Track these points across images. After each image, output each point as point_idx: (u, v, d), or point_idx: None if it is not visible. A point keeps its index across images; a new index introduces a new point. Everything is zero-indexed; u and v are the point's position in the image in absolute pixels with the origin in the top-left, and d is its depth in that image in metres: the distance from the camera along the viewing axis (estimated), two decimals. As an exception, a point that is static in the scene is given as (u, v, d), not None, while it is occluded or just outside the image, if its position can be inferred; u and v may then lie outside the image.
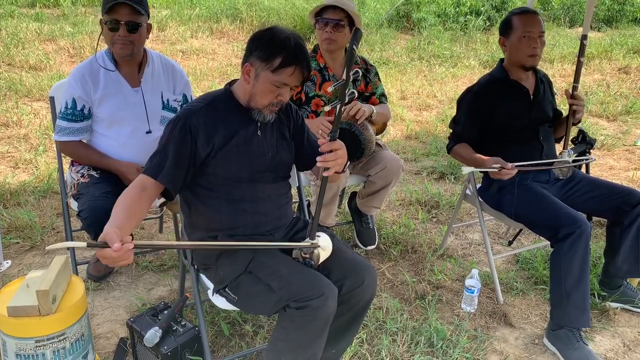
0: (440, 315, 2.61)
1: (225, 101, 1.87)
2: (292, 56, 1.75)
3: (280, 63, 1.74)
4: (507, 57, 2.64)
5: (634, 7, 12.28)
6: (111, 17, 2.28)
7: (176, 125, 1.78)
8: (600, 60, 8.57)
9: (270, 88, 1.78)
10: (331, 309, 1.67)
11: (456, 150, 2.68)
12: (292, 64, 1.75)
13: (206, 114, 1.81)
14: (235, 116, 1.86)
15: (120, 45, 2.33)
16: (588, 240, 2.31)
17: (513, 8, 10.31)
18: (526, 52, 2.54)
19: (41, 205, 3.47)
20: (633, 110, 6.27)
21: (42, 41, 7.28)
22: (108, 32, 2.32)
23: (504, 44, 2.61)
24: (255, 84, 1.79)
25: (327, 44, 2.76)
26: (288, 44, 1.75)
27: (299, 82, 1.81)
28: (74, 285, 2.04)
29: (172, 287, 2.72)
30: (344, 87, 1.70)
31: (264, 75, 1.77)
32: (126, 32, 2.31)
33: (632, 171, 4.56)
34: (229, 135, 1.83)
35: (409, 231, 3.38)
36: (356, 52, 1.70)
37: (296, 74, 1.77)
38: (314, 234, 1.75)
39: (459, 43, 9.28)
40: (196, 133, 1.78)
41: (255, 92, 1.80)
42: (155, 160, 1.78)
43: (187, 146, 1.77)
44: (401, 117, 5.75)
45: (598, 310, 2.66)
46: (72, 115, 2.39)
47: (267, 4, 9.35)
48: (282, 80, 1.76)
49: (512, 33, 2.55)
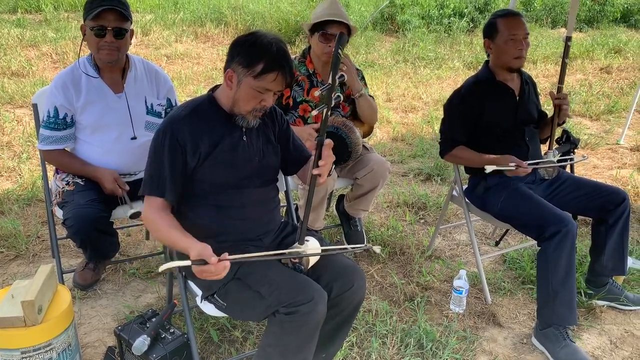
0: (430, 316, 2.62)
1: (209, 108, 1.86)
2: (274, 62, 1.74)
3: (262, 69, 1.73)
4: (493, 59, 2.66)
5: (614, 7, 12.46)
6: (97, 23, 2.26)
7: (164, 139, 1.77)
8: (582, 61, 8.67)
9: (253, 94, 1.77)
10: (321, 314, 1.67)
11: (456, 154, 2.67)
12: (275, 69, 1.74)
13: (190, 123, 1.80)
14: (220, 123, 1.85)
15: (107, 52, 2.31)
16: (574, 239, 2.33)
17: (496, 9, 10.33)
18: (512, 54, 2.56)
19: (25, 214, 3.43)
20: (615, 109, 6.35)
21: (24, 47, 7.21)
22: (94, 38, 2.30)
23: (489, 47, 2.63)
24: (237, 90, 1.78)
25: (328, 57, 2.75)
26: (270, 49, 1.74)
27: (282, 88, 1.80)
28: (60, 295, 2.02)
29: (160, 294, 2.70)
30: (330, 92, 1.70)
31: (246, 81, 1.76)
32: (113, 38, 2.29)
33: (615, 170, 4.61)
34: (215, 143, 1.82)
35: (397, 233, 3.39)
36: (341, 56, 1.70)
37: (279, 80, 1.76)
38: (303, 238, 1.75)
39: (443, 45, 9.34)
40: (184, 143, 1.78)
41: (238, 98, 1.80)
42: (154, 178, 1.78)
43: (180, 158, 1.78)
44: (387, 119, 5.77)
45: (585, 308, 2.69)
46: (54, 124, 2.36)
47: (252, 8, 9.34)
48: (264, 86, 1.76)
49: (498, 36, 2.57)
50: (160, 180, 1.77)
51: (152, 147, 1.81)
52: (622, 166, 4.74)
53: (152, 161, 1.80)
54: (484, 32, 2.65)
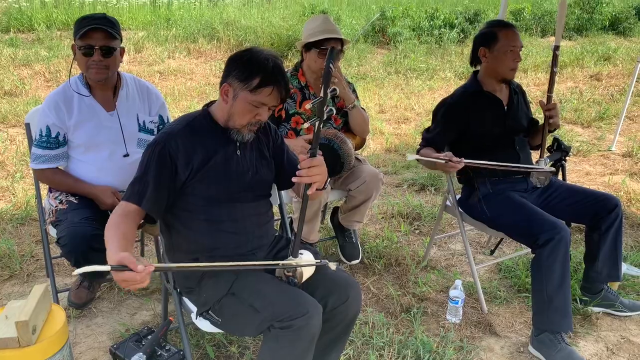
0: (426, 327, 2.61)
1: (203, 122, 1.88)
2: (271, 76, 1.76)
3: (259, 83, 1.75)
4: (486, 68, 2.67)
5: (602, 15, 12.62)
6: (85, 42, 2.28)
7: (155, 150, 1.78)
8: (573, 68, 8.76)
9: (249, 108, 1.79)
10: (316, 327, 1.67)
11: (421, 152, 2.68)
12: (270, 84, 1.76)
13: (184, 136, 1.81)
14: (214, 137, 1.86)
15: (95, 70, 2.32)
16: (568, 246, 2.34)
17: (486, 19, 10.32)
18: (509, 65, 2.60)
19: (19, 233, 3.42)
20: (606, 116, 6.41)
21: (17, 66, 7.22)
22: (82, 57, 2.31)
23: (484, 55, 2.64)
24: (233, 103, 1.80)
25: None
26: (266, 64, 1.76)
27: (277, 102, 1.82)
28: (54, 314, 2.01)
29: (155, 311, 2.69)
30: (322, 105, 1.72)
31: (243, 95, 1.78)
32: (101, 57, 2.30)
33: (607, 176, 4.64)
34: (208, 156, 1.83)
35: (392, 244, 3.39)
36: (333, 70, 1.72)
37: (274, 94, 1.78)
38: (297, 251, 1.75)
39: (435, 56, 9.42)
40: (175, 156, 1.78)
41: (234, 112, 1.81)
42: (136, 187, 1.77)
43: (168, 170, 1.78)
44: (380, 130, 5.80)
45: (580, 315, 2.69)
46: (47, 143, 2.37)
47: (244, 23, 9.40)
48: (260, 100, 1.78)
49: (496, 45, 2.58)
50: (143, 190, 1.75)
51: (143, 157, 1.81)
52: (614, 172, 4.78)
53: (139, 171, 1.80)
54: (480, 41, 2.65)
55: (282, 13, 10.21)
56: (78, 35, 2.27)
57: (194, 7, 11.25)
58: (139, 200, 1.75)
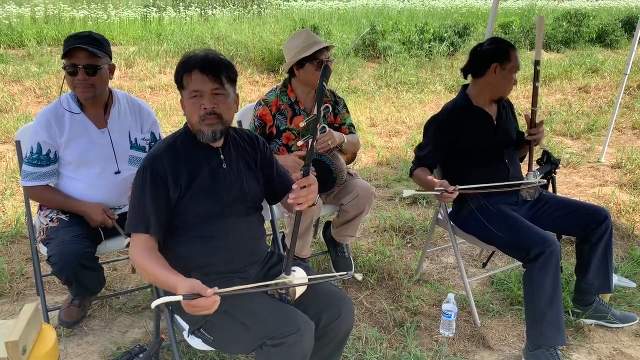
0: (420, 341, 2.61)
1: (185, 140, 1.90)
2: (186, 65, 1.80)
3: (182, 77, 1.81)
4: (489, 83, 2.64)
5: (589, 28, 12.80)
6: (70, 61, 2.30)
7: (145, 175, 1.80)
8: (561, 81, 8.86)
9: (191, 103, 1.81)
10: (308, 344, 1.66)
11: (416, 173, 2.71)
12: (187, 70, 1.79)
13: (168, 157, 1.83)
14: (197, 153, 1.88)
15: (81, 89, 2.34)
16: (558, 259, 2.35)
17: (475, 33, 10.35)
18: (510, 86, 2.65)
19: (9, 251, 3.39)
20: (595, 127, 6.47)
21: (7, 82, 7.19)
22: (68, 76, 2.33)
23: (494, 71, 2.60)
24: (185, 110, 1.85)
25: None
26: (187, 59, 1.81)
27: (211, 84, 1.79)
28: (44, 334, 1.98)
29: (147, 328, 2.66)
30: (315, 123, 1.73)
31: (184, 97, 1.84)
32: (85, 76, 2.31)
33: (597, 187, 4.68)
34: (194, 174, 1.84)
35: (385, 258, 3.39)
36: (325, 88, 1.73)
37: (196, 77, 1.78)
38: (290, 268, 1.75)
39: (425, 69, 9.49)
40: (165, 177, 1.80)
41: (187, 115, 1.86)
42: (138, 215, 1.79)
43: (162, 192, 1.80)
44: (372, 144, 5.82)
45: (573, 327, 2.70)
46: (37, 160, 2.36)
47: (235, 38, 9.43)
48: (192, 89, 1.79)
49: (508, 65, 2.60)
50: (144, 216, 1.78)
51: (134, 185, 1.83)
52: (604, 184, 4.81)
53: (135, 198, 1.81)
54: (493, 56, 2.60)
55: (273, 28, 10.26)
56: (63, 55, 2.29)
57: (185, 22, 11.28)
58: (147, 229, 1.78)
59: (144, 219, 1.78)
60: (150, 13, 11.29)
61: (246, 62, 8.76)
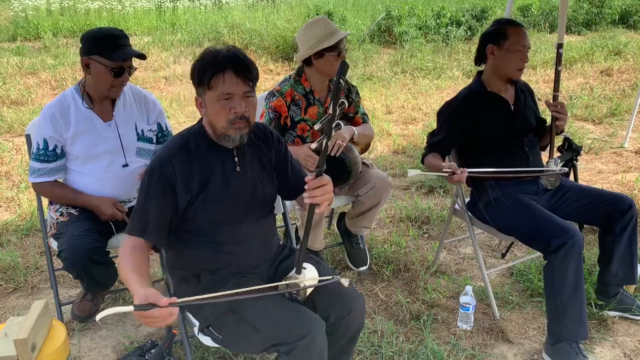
0: (437, 335, 2.55)
1: (199, 140, 1.81)
2: (217, 66, 1.68)
3: (210, 77, 1.69)
4: (492, 66, 2.59)
5: (612, 9, 12.44)
6: (118, 64, 2.29)
7: (152, 179, 1.73)
8: (583, 64, 8.63)
9: (219, 106, 1.70)
10: (321, 344, 1.62)
11: (427, 159, 2.64)
12: (219, 71, 1.68)
13: (180, 161, 1.75)
14: (211, 155, 1.80)
15: (119, 89, 2.36)
16: (581, 251, 2.27)
17: (493, 16, 10.22)
18: (517, 65, 2.53)
19: (24, 245, 3.39)
20: (617, 112, 6.29)
21: (23, 75, 7.24)
22: (110, 77, 2.30)
23: (492, 53, 2.56)
24: (207, 110, 1.75)
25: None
26: (213, 57, 1.70)
27: (243, 87, 1.71)
28: (55, 331, 1.98)
29: (160, 322, 2.64)
30: (330, 122, 1.65)
31: (207, 98, 1.72)
32: (128, 77, 2.36)
33: (621, 174, 4.55)
34: (206, 179, 1.77)
35: (401, 249, 3.33)
36: (342, 85, 1.65)
37: (229, 79, 1.68)
38: (301, 267, 1.70)
39: (442, 54, 9.32)
40: (174, 184, 1.73)
41: (211, 117, 1.75)
42: (137, 219, 1.74)
43: (167, 199, 1.73)
44: (387, 132, 5.73)
45: (596, 319, 2.62)
46: (44, 156, 2.35)
47: (249, 26, 9.37)
48: (222, 92, 1.69)
49: (505, 43, 2.51)
50: (145, 221, 1.72)
51: (142, 186, 1.76)
52: (628, 170, 4.67)
53: (139, 202, 1.76)
54: (488, 38, 2.57)
55: (287, 15, 10.17)
56: (111, 57, 2.27)
57: (199, 11, 11.25)
58: (143, 233, 1.72)
59: (144, 224, 1.72)
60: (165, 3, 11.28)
61: (260, 50, 8.70)
